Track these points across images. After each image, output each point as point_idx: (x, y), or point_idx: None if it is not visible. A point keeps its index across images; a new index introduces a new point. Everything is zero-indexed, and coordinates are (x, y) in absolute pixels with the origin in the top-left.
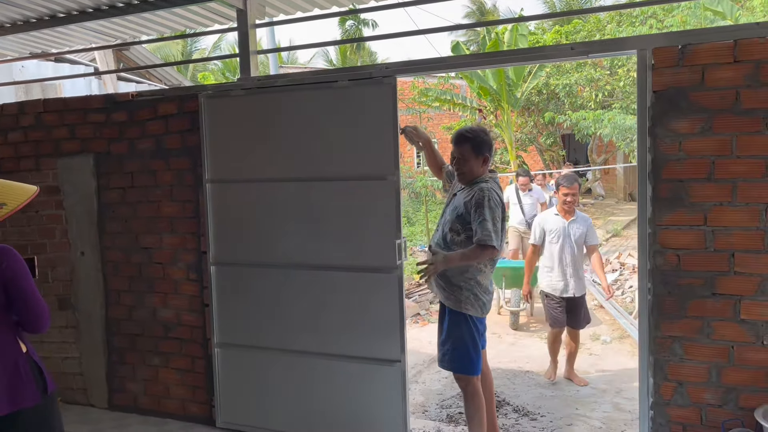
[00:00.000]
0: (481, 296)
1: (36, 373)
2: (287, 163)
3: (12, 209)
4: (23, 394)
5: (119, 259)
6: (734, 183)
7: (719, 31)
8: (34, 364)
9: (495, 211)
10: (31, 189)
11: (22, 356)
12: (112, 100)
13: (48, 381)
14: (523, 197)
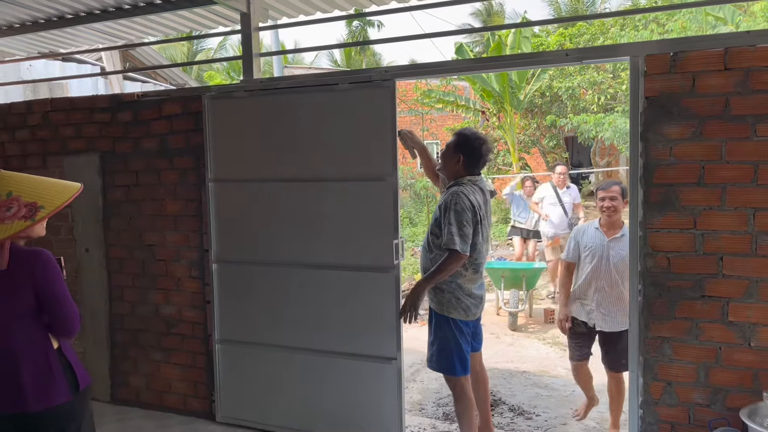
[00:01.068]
0: (464, 299)
1: (67, 370)
2: (288, 163)
3: (48, 212)
4: (54, 392)
5: (123, 255)
6: (723, 188)
7: (710, 39)
8: (65, 361)
9: (461, 215)
10: (73, 188)
11: (53, 353)
12: (118, 100)
13: (79, 377)
14: (562, 194)
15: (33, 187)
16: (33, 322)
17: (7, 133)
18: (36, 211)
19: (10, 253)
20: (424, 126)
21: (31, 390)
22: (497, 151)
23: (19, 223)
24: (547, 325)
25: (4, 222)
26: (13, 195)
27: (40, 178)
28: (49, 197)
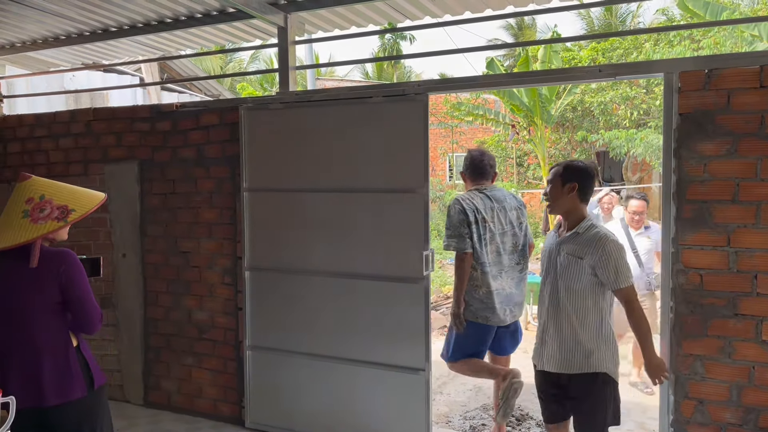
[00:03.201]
0: (473, 302)
1: (84, 368)
2: (321, 174)
3: (80, 215)
4: (72, 387)
5: (159, 261)
6: (758, 205)
7: (745, 56)
8: (82, 359)
9: (451, 219)
10: (99, 196)
11: (72, 350)
12: (158, 110)
13: (95, 376)
14: (636, 237)
15: (63, 192)
16: (56, 320)
17: (52, 140)
18: (68, 214)
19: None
20: (453, 139)
21: (50, 385)
22: (527, 165)
23: (53, 223)
24: None
25: (38, 222)
26: (46, 198)
27: (68, 185)
28: (80, 202)
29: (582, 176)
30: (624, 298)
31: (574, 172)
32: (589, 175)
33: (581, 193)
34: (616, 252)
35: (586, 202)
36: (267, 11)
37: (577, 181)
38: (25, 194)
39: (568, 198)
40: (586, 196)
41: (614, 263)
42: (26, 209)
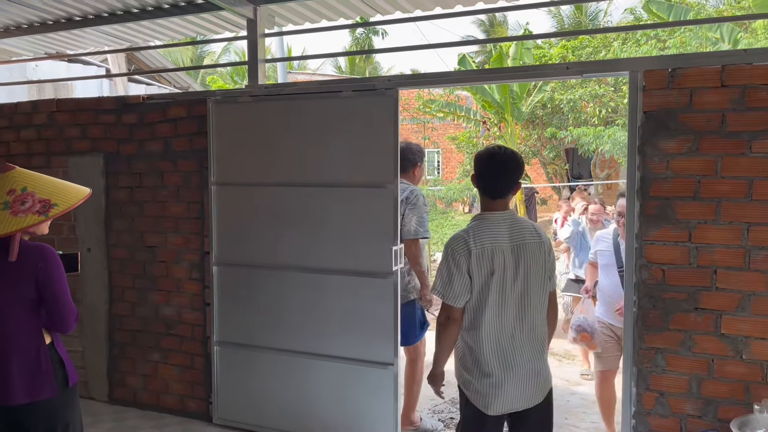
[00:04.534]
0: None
1: (57, 366)
2: (290, 168)
3: (62, 210)
4: (42, 386)
5: (124, 256)
6: (718, 202)
7: (708, 56)
8: (56, 356)
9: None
10: (83, 191)
11: (44, 348)
12: (124, 102)
13: (70, 374)
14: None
15: (47, 185)
16: (30, 315)
17: (13, 132)
18: (49, 208)
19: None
20: (425, 134)
21: (18, 383)
22: None
23: (33, 217)
24: None
25: (18, 215)
26: (28, 190)
27: (52, 179)
28: (63, 196)
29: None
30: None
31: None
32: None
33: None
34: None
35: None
36: (236, 3)
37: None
38: (7, 185)
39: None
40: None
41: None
42: (7, 201)
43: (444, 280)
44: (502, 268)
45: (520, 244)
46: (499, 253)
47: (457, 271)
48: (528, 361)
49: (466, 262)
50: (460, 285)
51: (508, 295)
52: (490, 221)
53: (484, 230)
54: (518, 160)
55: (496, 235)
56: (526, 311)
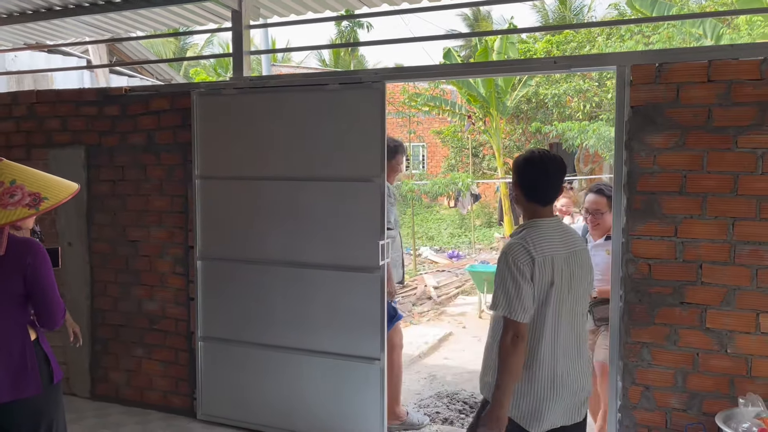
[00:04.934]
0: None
1: (42, 362)
2: (276, 162)
3: (53, 204)
4: (26, 383)
5: (107, 250)
6: (704, 197)
7: (694, 51)
8: (41, 353)
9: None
10: (72, 186)
11: (29, 344)
12: (105, 94)
13: (55, 371)
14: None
15: (36, 178)
16: (16, 311)
17: None
18: (40, 202)
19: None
20: (410, 128)
21: (3, 380)
22: (483, 156)
23: (23, 210)
24: None
25: (7, 208)
26: (17, 183)
27: (40, 172)
28: (53, 191)
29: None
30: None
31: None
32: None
33: (525, 191)
34: (501, 268)
35: (540, 202)
36: None
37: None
38: None
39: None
40: (536, 194)
41: (494, 281)
42: None
43: (509, 294)
44: (560, 278)
45: (572, 252)
46: (558, 262)
47: (524, 282)
48: (577, 378)
49: (530, 270)
50: (528, 297)
51: (563, 307)
52: (543, 228)
53: (541, 237)
54: (563, 162)
55: (552, 242)
56: (577, 324)
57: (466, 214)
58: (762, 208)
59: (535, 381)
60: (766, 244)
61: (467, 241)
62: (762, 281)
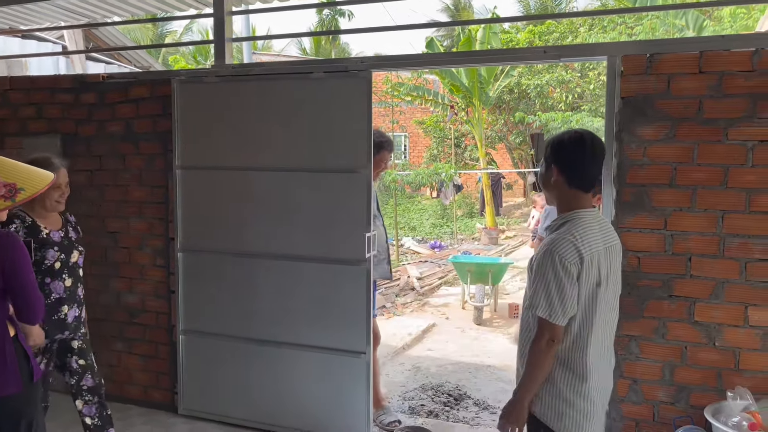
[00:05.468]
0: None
1: (22, 360)
2: (259, 152)
3: (29, 195)
4: (6, 381)
5: (85, 242)
6: (694, 189)
7: (686, 42)
8: (21, 350)
9: None
10: (48, 176)
11: (9, 341)
12: (82, 81)
13: (35, 368)
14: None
15: (10, 168)
16: None
17: None
18: (16, 193)
19: None
20: (393, 118)
21: None
22: (465, 146)
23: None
24: (512, 320)
25: None
26: None
27: (15, 162)
28: (29, 181)
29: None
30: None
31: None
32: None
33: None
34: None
35: (583, 189)
36: None
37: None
38: None
39: (552, 185)
40: (581, 179)
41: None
42: None
43: (551, 295)
44: (605, 276)
45: (610, 248)
46: (602, 259)
47: (569, 283)
48: (610, 384)
49: (577, 270)
50: (571, 299)
51: (605, 310)
52: (587, 221)
53: (586, 232)
54: (604, 145)
55: (595, 237)
56: (612, 324)
57: (449, 205)
58: (751, 201)
59: (584, 391)
60: (755, 237)
61: (449, 232)
62: (751, 274)
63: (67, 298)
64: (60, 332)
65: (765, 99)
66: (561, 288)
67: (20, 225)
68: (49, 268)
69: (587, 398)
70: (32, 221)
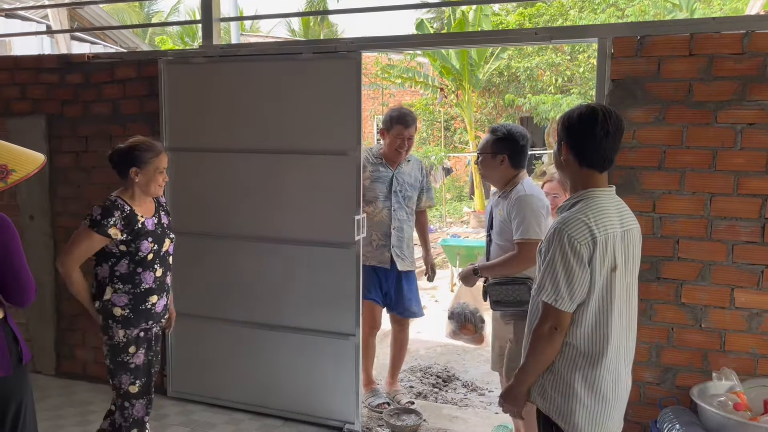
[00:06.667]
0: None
1: (11, 342)
2: (248, 134)
3: (21, 177)
4: None
5: (70, 225)
6: (683, 172)
7: (677, 24)
8: (10, 332)
9: None
10: (39, 157)
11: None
12: (67, 61)
13: (24, 351)
14: None
15: (2, 149)
16: None
17: None
18: (7, 174)
19: None
20: (383, 101)
21: None
22: (454, 129)
23: None
24: None
25: None
26: None
27: (5, 143)
28: (20, 162)
29: (511, 146)
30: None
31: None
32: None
33: (512, 161)
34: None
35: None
36: None
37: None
38: None
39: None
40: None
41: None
42: None
43: (557, 278)
44: (622, 261)
45: (627, 231)
46: (618, 243)
47: (578, 265)
48: (628, 379)
49: (588, 252)
50: (580, 284)
51: (623, 296)
52: (602, 200)
53: (601, 212)
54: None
55: (612, 218)
56: (631, 316)
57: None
58: (739, 184)
59: (598, 387)
60: (742, 219)
61: (438, 215)
62: (737, 257)
63: (156, 288)
64: (146, 322)
65: (754, 82)
66: (569, 271)
67: (119, 217)
68: (143, 259)
69: (603, 397)
70: (130, 210)
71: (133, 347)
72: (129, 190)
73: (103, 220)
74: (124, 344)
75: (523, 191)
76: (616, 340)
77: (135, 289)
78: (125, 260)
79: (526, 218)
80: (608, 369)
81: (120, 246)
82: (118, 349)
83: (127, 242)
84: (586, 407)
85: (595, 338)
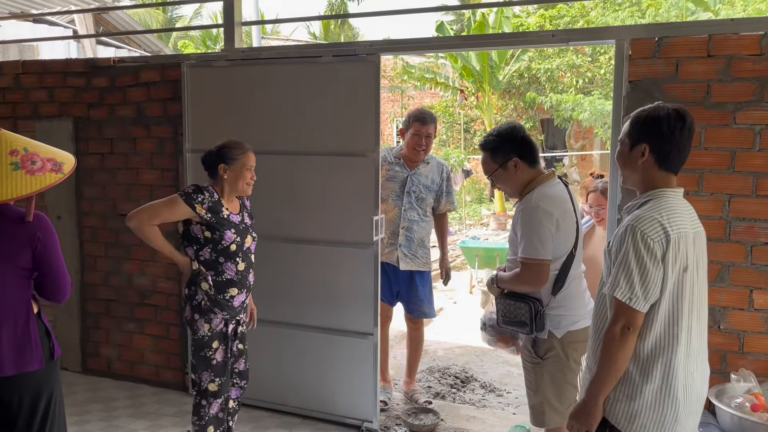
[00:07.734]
0: None
1: (44, 338)
2: (268, 135)
3: (71, 169)
4: (30, 358)
5: (96, 224)
6: (701, 173)
7: (695, 25)
8: (43, 327)
9: None
10: (72, 156)
11: (33, 318)
12: (93, 65)
13: (56, 347)
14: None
15: (40, 146)
16: (23, 285)
17: None
18: (60, 167)
19: (11, 214)
20: (403, 103)
21: (7, 354)
22: (474, 131)
23: (52, 175)
24: None
25: (35, 174)
26: (30, 151)
27: (39, 143)
28: (61, 156)
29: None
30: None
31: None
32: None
33: (526, 159)
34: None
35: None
36: None
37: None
38: (5, 146)
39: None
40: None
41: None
42: (15, 161)
43: (631, 276)
44: (693, 262)
45: (697, 233)
46: (690, 243)
47: (652, 264)
48: (701, 386)
49: (661, 250)
50: (654, 282)
51: (694, 299)
52: (673, 200)
53: (673, 211)
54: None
55: (683, 218)
56: (702, 319)
57: (458, 190)
58: (758, 185)
59: (669, 392)
60: (761, 221)
61: (458, 217)
62: (756, 258)
63: (237, 282)
64: (222, 311)
65: None
66: (643, 268)
67: (208, 199)
68: (225, 249)
69: (673, 403)
70: (218, 199)
71: (216, 342)
72: (218, 186)
73: (193, 194)
74: (208, 338)
75: (529, 202)
76: (684, 347)
77: (217, 277)
78: (208, 248)
79: (525, 235)
80: (678, 377)
81: (205, 232)
82: (201, 343)
83: (211, 228)
84: (654, 410)
85: (662, 343)
